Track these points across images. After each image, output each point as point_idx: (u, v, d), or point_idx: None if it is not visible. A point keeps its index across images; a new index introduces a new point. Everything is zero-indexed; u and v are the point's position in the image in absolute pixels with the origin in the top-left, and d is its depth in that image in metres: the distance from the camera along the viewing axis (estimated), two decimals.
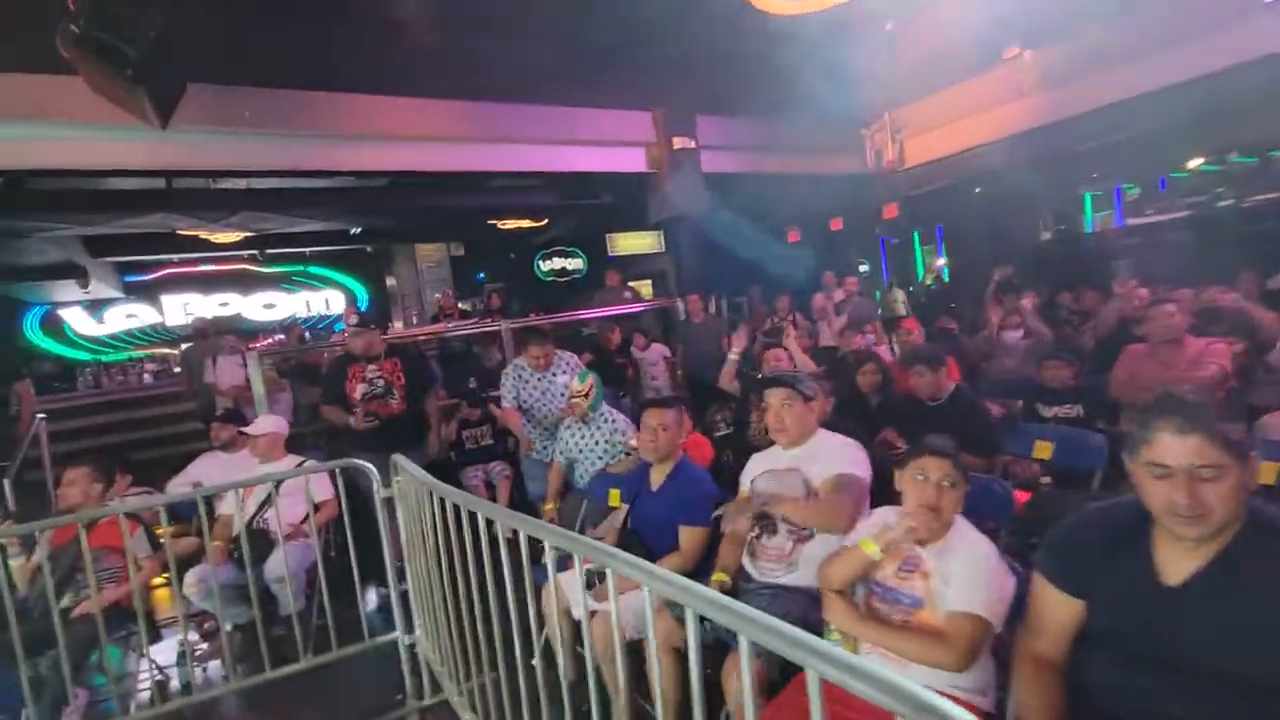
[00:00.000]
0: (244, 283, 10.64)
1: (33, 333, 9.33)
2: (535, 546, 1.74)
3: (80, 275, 8.19)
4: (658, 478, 2.48)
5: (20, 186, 4.96)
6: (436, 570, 2.35)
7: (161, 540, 3.82)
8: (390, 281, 11.72)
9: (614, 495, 3.02)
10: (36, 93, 4.52)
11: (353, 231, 8.71)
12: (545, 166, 6.69)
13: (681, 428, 2.49)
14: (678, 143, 7.06)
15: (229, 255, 9.59)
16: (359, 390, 3.87)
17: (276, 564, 3.14)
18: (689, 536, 2.30)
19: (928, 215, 11.03)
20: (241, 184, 5.79)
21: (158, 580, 3.73)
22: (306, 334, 9.29)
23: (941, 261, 11.07)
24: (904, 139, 8.60)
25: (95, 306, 9.71)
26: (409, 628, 2.80)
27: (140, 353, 9.97)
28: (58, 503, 3.11)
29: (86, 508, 3.17)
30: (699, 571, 2.33)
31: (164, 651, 3.55)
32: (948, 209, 10.10)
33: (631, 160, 7.17)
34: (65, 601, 2.95)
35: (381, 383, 3.92)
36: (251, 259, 9.88)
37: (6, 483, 4.43)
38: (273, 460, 3.62)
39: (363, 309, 10.66)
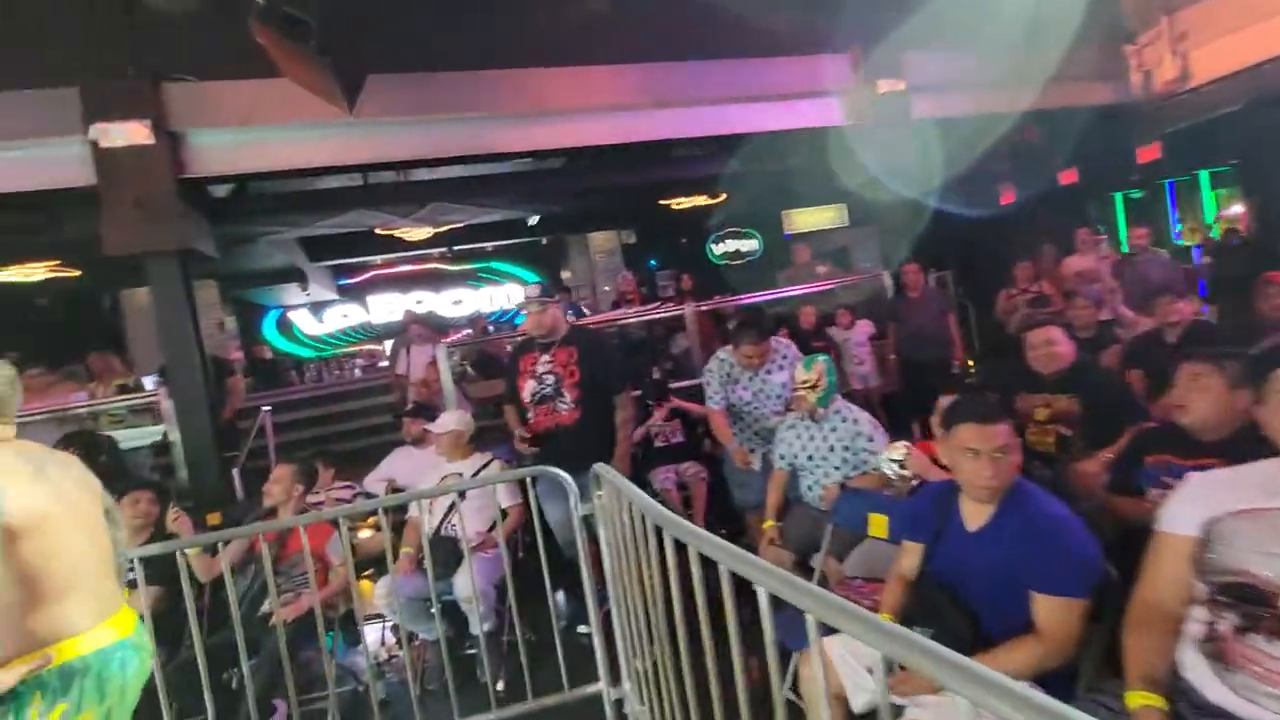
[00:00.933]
0: (435, 281, 11.24)
1: (270, 333, 10.59)
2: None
3: (301, 279, 9.06)
4: (979, 513, 1.64)
5: (244, 192, 5.33)
6: (652, 610, 1.76)
7: (358, 537, 3.74)
8: (565, 274, 11.76)
9: (876, 522, 2.23)
10: (248, 98, 4.71)
11: (530, 222, 8.69)
12: (726, 129, 5.96)
13: (1018, 444, 1.62)
14: (883, 86, 5.95)
15: (421, 254, 10.12)
16: (527, 389, 3.06)
17: (464, 582, 2.78)
18: (1054, 612, 1.44)
19: (1203, 153, 8.64)
20: (428, 175, 5.83)
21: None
22: (490, 327, 9.50)
23: (1237, 209, 8.61)
24: (1187, 50, 6.61)
25: (316, 308, 10.80)
26: (614, 678, 2.25)
27: (353, 349, 10.93)
28: (263, 499, 3.01)
29: (288, 507, 3.05)
30: (1072, 670, 1.47)
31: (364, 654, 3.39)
32: (1239, 142, 7.76)
33: (824, 112, 6.19)
34: (266, 607, 2.84)
35: (551, 379, 3.02)
36: (441, 257, 10.35)
37: (235, 472, 4.69)
38: (457, 459, 3.31)
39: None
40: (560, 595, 3.42)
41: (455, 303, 11.31)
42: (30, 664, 1.36)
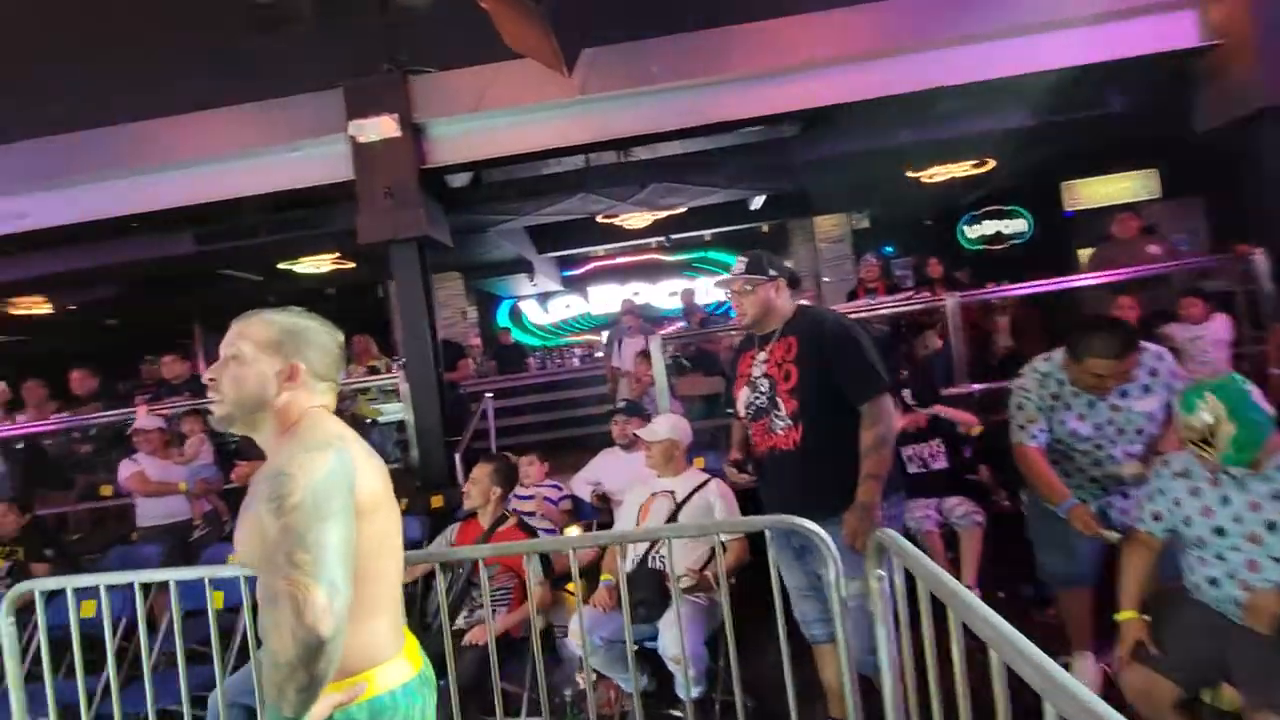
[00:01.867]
0: (652, 272, 11.12)
1: (504, 321, 11.36)
2: None
3: (529, 270, 9.46)
4: None
5: (478, 182, 5.46)
6: None
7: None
8: (787, 264, 10.85)
9: None
10: (479, 84, 4.71)
11: (752, 206, 8.01)
12: (1011, 68, 4.65)
13: None
14: None
15: (639, 245, 10.01)
16: (741, 400, 2.24)
17: (671, 638, 2.20)
18: None
19: None
20: (649, 155, 5.48)
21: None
22: (705, 319, 9.03)
23: None
24: None
25: (543, 299, 11.33)
26: None
27: (575, 339, 11.27)
28: (463, 499, 2.76)
29: (487, 510, 2.77)
30: None
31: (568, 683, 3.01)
32: None
33: (1165, 33, 4.53)
34: (459, 622, 2.58)
35: (765, 385, 2.13)
36: (658, 247, 10.15)
37: (457, 456, 4.74)
38: (669, 475, 2.76)
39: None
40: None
41: (671, 294, 11.07)
42: (344, 692, 1.08)
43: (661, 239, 9.36)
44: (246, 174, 5.01)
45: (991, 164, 6.98)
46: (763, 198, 7.80)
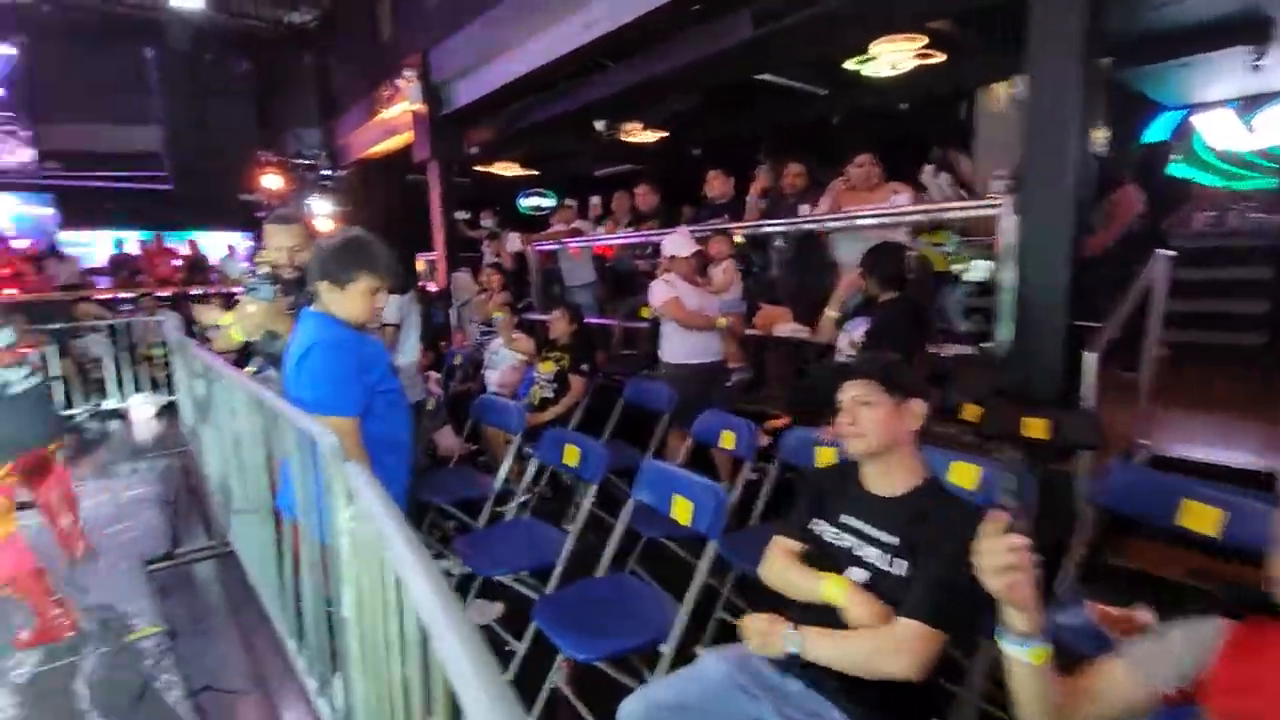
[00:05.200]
0: None
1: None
2: None
3: (1258, 38, 5.13)
4: None
5: None
6: None
7: None
8: None
9: None
10: None
11: None
12: None
13: None
14: None
15: None
16: None
17: None
18: None
19: None
20: None
21: None
22: None
23: None
24: None
25: (1248, 107, 6.63)
26: None
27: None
28: None
29: None
30: None
31: None
32: None
33: None
34: None
35: None
36: None
37: (1089, 358, 2.60)
38: None
39: None
40: None
41: None
42: None
43: None
44: None
45: None
46: None
